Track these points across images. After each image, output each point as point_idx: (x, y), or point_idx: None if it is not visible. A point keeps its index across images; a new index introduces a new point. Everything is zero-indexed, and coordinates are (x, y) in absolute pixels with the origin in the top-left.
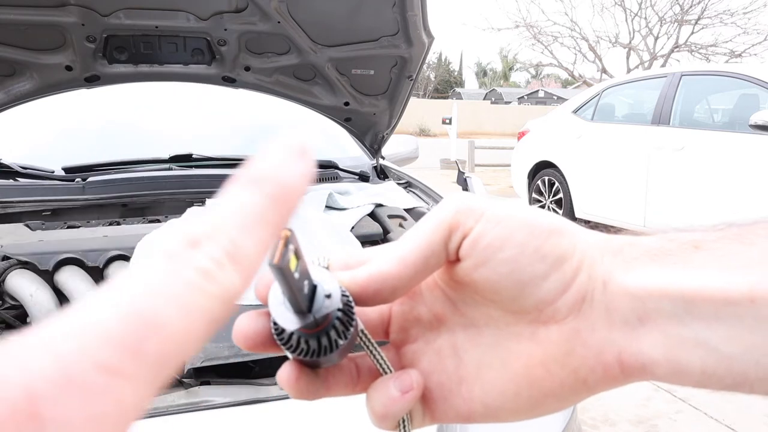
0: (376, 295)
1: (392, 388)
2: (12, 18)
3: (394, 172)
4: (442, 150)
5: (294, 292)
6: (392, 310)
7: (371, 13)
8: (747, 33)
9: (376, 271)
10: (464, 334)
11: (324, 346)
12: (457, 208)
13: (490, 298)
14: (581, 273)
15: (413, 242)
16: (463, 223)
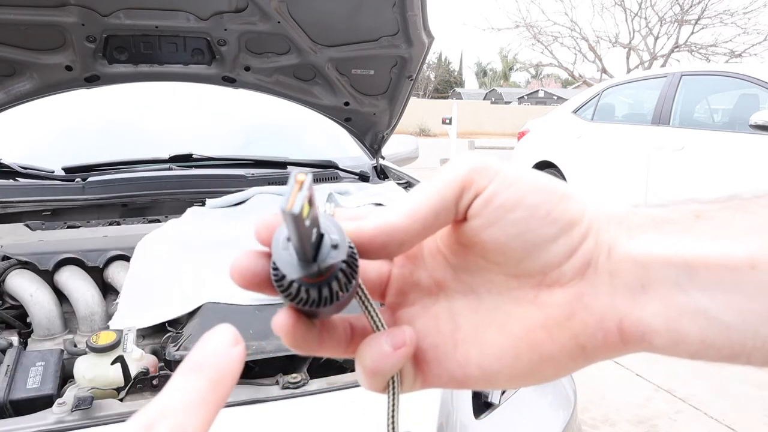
0: (383, 248)
1: (384, 343)
2: (12, 18)
3: (394, 172)
4: (442, 150)
5: (303, 240)
6: (392, 272)
7: (371, 13)
8: (747, 33)
9: (383, 223)
10: (464, 301)
11: (324, 297)
12: (472, 166)
13: (495, 261)
14: (588, 238)
15: (424, 196)
16: (477, 181)
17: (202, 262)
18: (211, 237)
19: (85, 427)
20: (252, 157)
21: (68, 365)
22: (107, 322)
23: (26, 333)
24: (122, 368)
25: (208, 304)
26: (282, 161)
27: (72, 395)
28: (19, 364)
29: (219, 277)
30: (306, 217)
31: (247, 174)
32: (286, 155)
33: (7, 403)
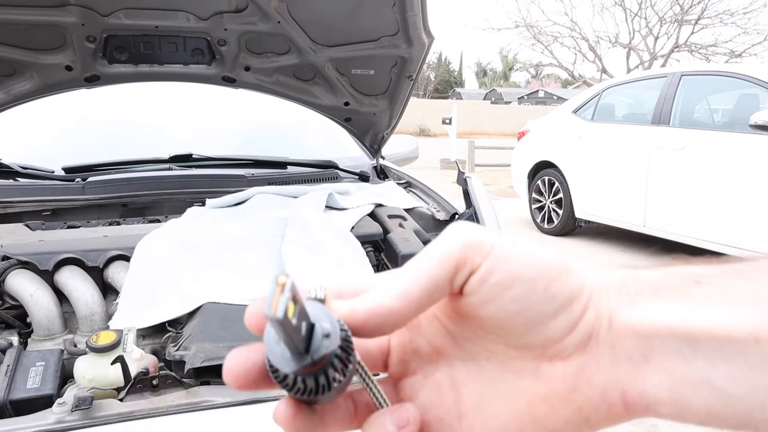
0: (376, 330)
1: (388, 423)
2: (12, 18)
3: (394, 172)
4: (442, 150)
5: (291, 338)
6: (391, 341)
7: (371, 13)
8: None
9: (376, 305)
10: (464, 368)
11: (322, 385)
12: (465, 242)
13: (495, 333)
14: (589, 310)
15: (417, 275)
16: (471, 258)
17: (202, 262)
18: (211, 237)
19: (85, 427)
20: (252, 157)
21: (68, 365)
22: (107, 322)
23: (26, 333)
24: (122, 368)
25: (208, 304)
26: (282, 161)
27: (72, 395)
28: (19, 364)
29: (219, 277)
30: (292, 316)
31: (247, 174)
32: (286, 155)
33: (7, 403)
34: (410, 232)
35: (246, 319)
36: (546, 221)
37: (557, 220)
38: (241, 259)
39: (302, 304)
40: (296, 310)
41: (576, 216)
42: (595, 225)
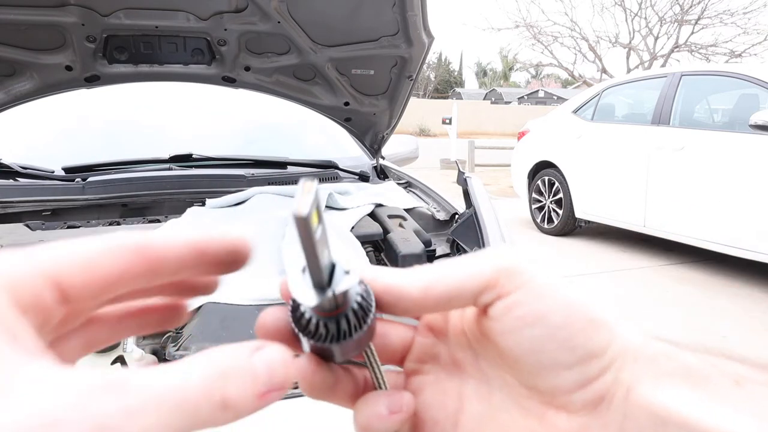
0: (387, 307)
1: (381, 404)
2: (12, 18)
3: (394, 172)
4: (442, 150)
5: (313, 249)
6: (415, 339)
7: (371, 13)
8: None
9: (397, 285)
10: (475, 387)
11: (343, 330)
12: (501, 265)
13: (509, 365)
14: (608, 373)
15: (445, 277)
16: (503, 284)
17: None
18: None
19: None
20: (252, 157)
21: None
22: None
23: None
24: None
25: (208, 304)
26: (282, 161)
27: None
28: None
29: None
30: (315, 226)
31: (247, 174)
32: (286, 155)
33: None
34: (410, 232)
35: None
36: (546, 221)
37: (557, 220)
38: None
39: (325, 226)
40: (320, 225)
41: (576, 216)
42: (595, 225)
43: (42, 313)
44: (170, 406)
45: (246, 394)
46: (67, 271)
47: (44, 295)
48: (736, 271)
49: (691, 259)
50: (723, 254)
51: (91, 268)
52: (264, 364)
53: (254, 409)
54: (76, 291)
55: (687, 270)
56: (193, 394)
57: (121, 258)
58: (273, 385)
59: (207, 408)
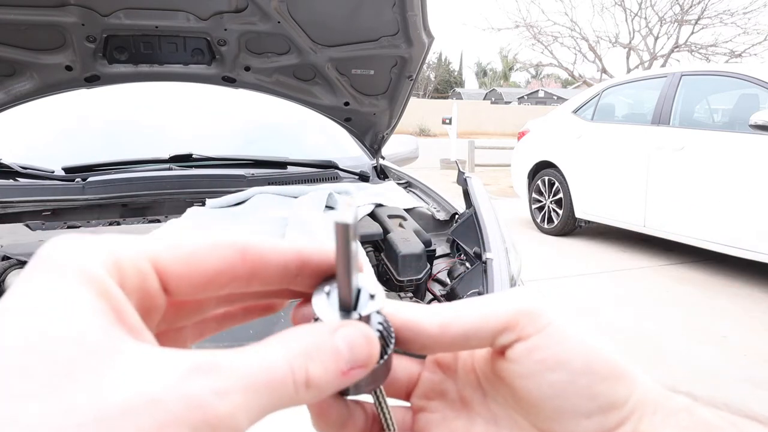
0: (404, 342)
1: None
2: (12, 18)
3: (394, 172)
4: (442, 150)
5: (349, 264)
6: (422, 375)
7: (371, 13)
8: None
9: (415, 321)
10: (484, 428)
11: None
12: (522, 307)
13: (524, 408)
14: (627, 424)
15: (464, 316)
16: (523, 327)
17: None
18: None
19: None
20: (252, 157)
21: None
22: None
23: None
24: None
25: None
26: (282, 161)
27: None
28: None
29: None
30: (352, 239)
31: (247, 174)
32: (286, 155)
33: None
34: (410, 232)
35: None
36: (546, 221)
37: (557, 220)
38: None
39: (358, 246)
40: (354, 246)
41: (576, 216)
42: (595, 225)
43: (146, 297)
44: (258, 386)
45: (329, 372)
46: (171, 259)
47: (149, 279)
48: (736, 271)
49: (691, 259)
50: (723, 254)
51: (195, 260)
52: (345, 342)
53: (338, 386)
54: (178, 281)
55: (687, 270)
56: (279, 373)
57: (225, 255)
58: (356, 362)
59: (292, 387)
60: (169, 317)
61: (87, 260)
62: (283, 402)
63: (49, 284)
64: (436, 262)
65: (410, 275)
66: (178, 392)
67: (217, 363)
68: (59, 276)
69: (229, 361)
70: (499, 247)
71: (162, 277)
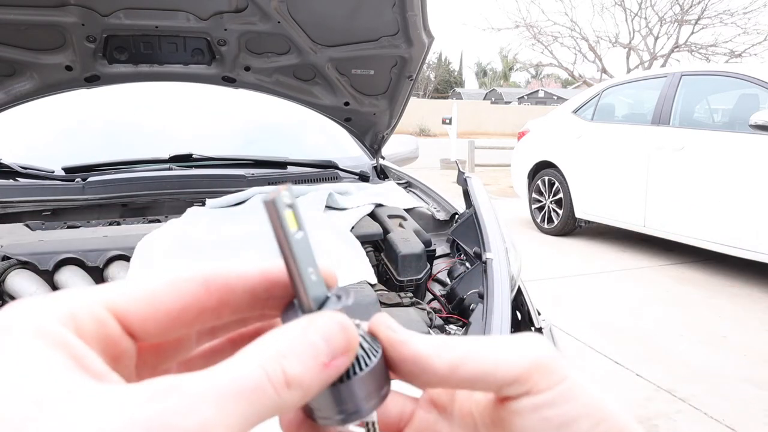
0: (409, 375)
1: None
2: (12, 18)
3: (394, 172)
4: (442, 150)
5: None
6: (415, 413)
7: (371, 13)
8: (747, 33)
9: (424, 357)
10: None
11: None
12: (536, 361)
13: None
14: None
15: (476, 359)
16: (535, 382)
17: (202, 261)
18: (211, 237)
19: None
20: (252, 157)
21: None
22: None
23: None
24: None
25: None
26: (282, 161)
27: None
28: None
29: None
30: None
31: (247, 174)
32: (286, 155)
33: None
34: (410, 232)
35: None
36: (546, 221)
37: (557, 220)
38: (241, 259)
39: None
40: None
41: (576, 216)
42: (595, 225)
43: (109, 344)
44: (230, 396)
45: (309, 368)
46: (129, 303)
47: (108, 326)
48: (736, 271)
49: (691, 259)
50: (723, 254)
51: (156, 301)
52: (319, 334)
53: (324, 380)
54: (142, 323)
55: (687, 270)
56: (253, 379)
57: (187, 290)
58: (336, 351)
59: (271, 389)
60: (149, 361)
61: (40, 317)
62: (267, 407)
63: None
64: (436, 262)
65: (410, 275)
66: (139, 421)
67: (178, 384)
68: (13, 337)
69: (192, 380)
70: (499, 247)
71: (123, 322)
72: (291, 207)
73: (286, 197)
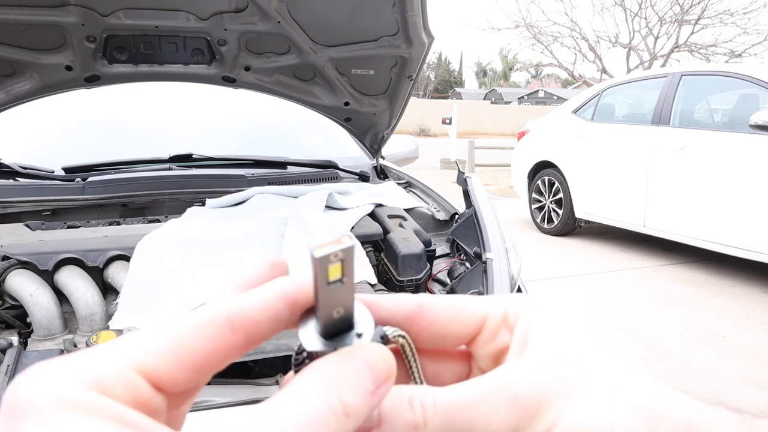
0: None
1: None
2: (12, 18)
3: (394, 172)
4: (442, 150)
5: (324, 298)
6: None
7: (371, 13)
8: (747, 33)
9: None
10: None
11: None
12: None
13: None
14: None
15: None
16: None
17: (202, 261)
18: (211, 237)
19: None
20: (252, 157)
21: None
22: (107, 322)
23: (26, 333)
24: None
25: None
26: (282, 161)
27: None
28: (19, 364)
29: (219, 277)
30: (333, 281)
31: (247, 174)
32: (286, 155)
33: None
34: (410, 232)
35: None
36: (546, 221)
37: (557, 220)
38: (241, 258)
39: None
40: (340, 281)
41: (576, 216)
42: (595, 225)
43: (142, 404)
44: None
45: (359, 396)
46: (156, 362)
47: (139, 389)
48: (736, 271)
49: (691, 259)
50: (723, 254)
51: (182, 353)
52: (363, 363)
53: (371, 407)
54: (171, 378)
55: (687, 270)
56: (319, 412)
57: (211, 335)
58: (380, 378)
59: (334, 420)
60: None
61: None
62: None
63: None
64: (436, 262)
65: (410, 275)
66: None
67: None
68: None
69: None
70: (499, 247)
71: (152, 381)
72: (342, 261)
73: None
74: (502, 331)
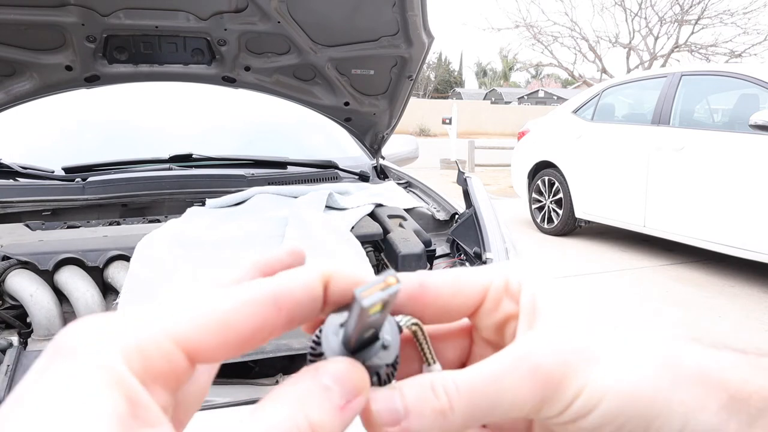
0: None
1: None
2: (12, 18)
3: (394, 172)
4: (442, 150)
5: (359, 328)
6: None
7: (371, 13)
8: (747, 33)
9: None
10: None
11: None
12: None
13: None
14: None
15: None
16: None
17: (202, 261)
18: (211, 237)
19: None
20: (252, 157)
21: None
22: None
23: (26, 333)
24: None
25: None
26: (282, 161)
27: None
28: (19, 364)
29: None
30: (372, 314)
31: (247, 174)
32: (286, 155)
33: None
34: (410, 232)
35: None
36: (546, 221)
37: (557, 220)
38: (241, 258)
39: (387, 316)
40: (378, 314)
41: (576, 216)
42: (595, 225)
43: (172, 378)
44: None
45: (327, 412)
46: (200, 335)
47: (175, 361)
48: (736, 271)
49: (691, 259)
50: (723, 254)
51: (227, 329)
52: (330, 378)
53: (343, 423)
54: (210, 353)
55: (687, 270)
56: (284, 429)
57: (258, 313)
58: (348, 393)
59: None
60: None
61: (107, 348)
62: None
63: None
64: (436, 262)
65: None
66: None
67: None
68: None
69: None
70: (499, 247)
71: (191, 354)
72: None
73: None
74: (505, 300)
